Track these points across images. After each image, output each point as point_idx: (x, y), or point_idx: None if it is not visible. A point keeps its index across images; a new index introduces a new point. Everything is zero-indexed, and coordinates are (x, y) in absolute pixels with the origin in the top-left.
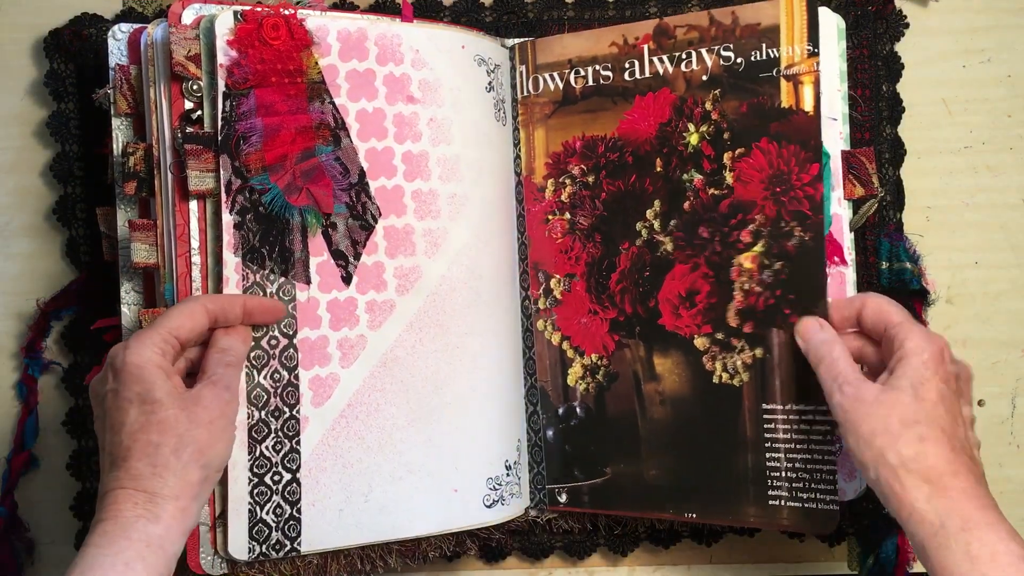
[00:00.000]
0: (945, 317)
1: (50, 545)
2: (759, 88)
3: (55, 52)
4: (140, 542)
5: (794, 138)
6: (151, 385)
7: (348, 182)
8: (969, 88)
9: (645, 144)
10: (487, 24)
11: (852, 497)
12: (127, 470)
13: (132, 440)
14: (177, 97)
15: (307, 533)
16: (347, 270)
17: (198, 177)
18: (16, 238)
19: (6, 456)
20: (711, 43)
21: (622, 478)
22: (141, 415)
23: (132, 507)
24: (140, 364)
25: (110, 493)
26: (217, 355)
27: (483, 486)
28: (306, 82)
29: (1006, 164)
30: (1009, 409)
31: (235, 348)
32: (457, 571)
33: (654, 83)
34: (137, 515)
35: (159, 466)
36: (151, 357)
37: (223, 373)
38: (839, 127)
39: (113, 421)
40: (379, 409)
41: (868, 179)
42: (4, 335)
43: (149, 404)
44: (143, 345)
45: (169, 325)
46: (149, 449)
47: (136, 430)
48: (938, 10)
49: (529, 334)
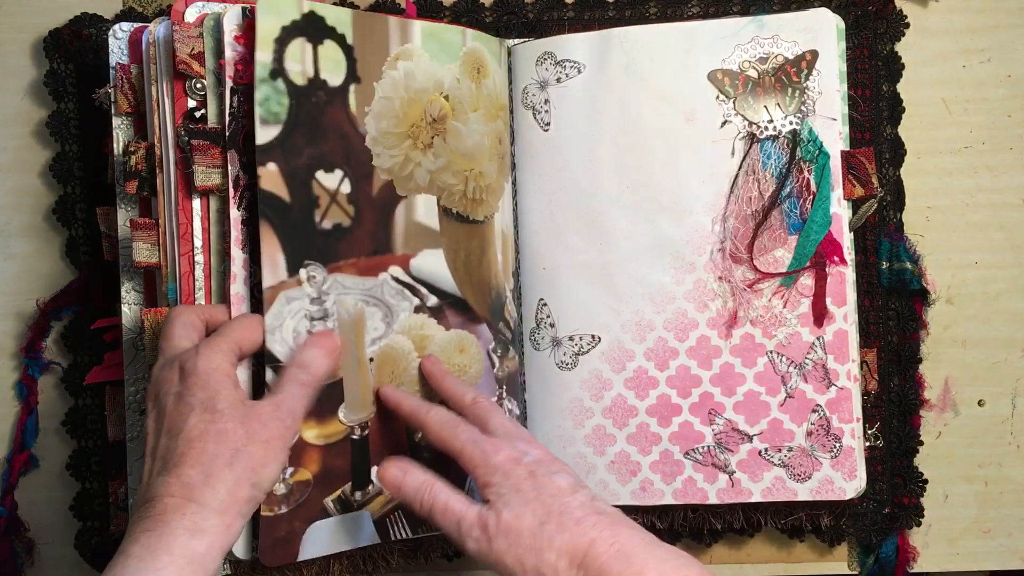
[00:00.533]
0: (945, 317)
1: (50, 545)
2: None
3: (55, 52)
4: (182, 559)
5: None
6: (216, 393)
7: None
8: (969, 88)
9: None
10: (487, 24)
11: (852, 497)
12: (179, 476)
13: (188, 447)
14: (180, 95)
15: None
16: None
17: (204, 173)
18: (16, 238)
19: (6, 456)
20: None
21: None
22: (201, 422)
23: (179, 518)
24: (209, 371)
25: (158, 499)
26: (293, 370)
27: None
28: None
29: (1006, 164)
30: (1009, 409)
31: (315, 365)
32: (457, 571)
33: None
34: (183, 527)
35: (212, 476)
36: (221, 365)
37: (293, 393)
38: (839, 127)
39: (172, 424)
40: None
41: (868, 179)
42: (4, 335)
43: (211, 413)
44: (215, 352)
45: (235, 336)
46: (204, 458)
47: (194, 437)
48: (938, 10)
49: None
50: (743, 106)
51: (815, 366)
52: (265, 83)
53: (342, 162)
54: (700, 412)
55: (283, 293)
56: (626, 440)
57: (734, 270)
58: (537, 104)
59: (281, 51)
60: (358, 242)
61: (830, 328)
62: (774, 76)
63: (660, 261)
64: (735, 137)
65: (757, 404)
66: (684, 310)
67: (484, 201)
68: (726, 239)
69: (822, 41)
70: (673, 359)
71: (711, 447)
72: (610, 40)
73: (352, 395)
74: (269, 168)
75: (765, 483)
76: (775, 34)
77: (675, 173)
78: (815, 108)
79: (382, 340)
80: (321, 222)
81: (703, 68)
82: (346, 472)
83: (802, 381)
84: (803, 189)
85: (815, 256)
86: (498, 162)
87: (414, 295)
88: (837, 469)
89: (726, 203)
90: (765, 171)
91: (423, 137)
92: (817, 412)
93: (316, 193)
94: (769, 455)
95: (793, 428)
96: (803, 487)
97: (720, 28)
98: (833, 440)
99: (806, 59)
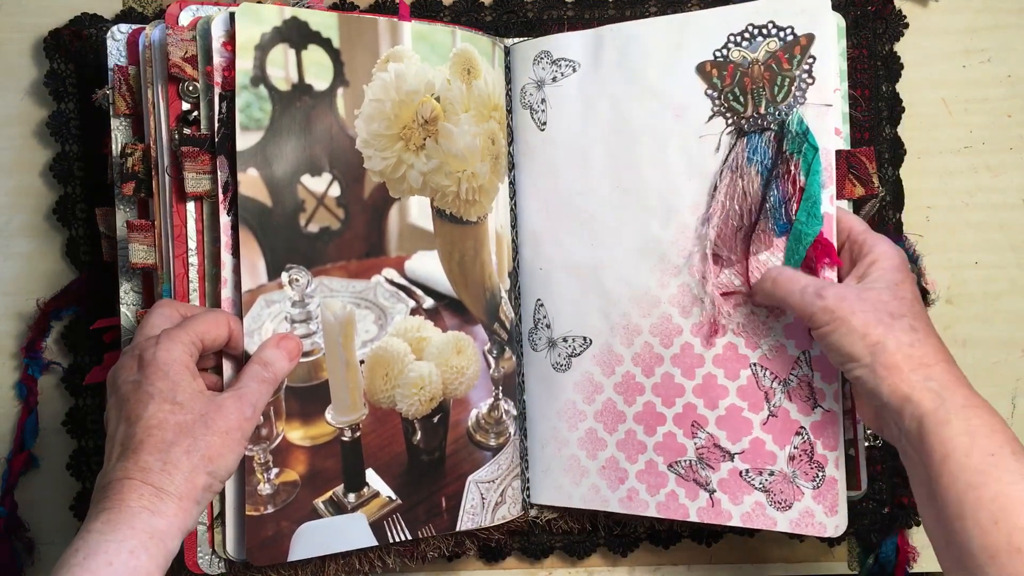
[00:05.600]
0: (945, 317)
1: (50, 545)
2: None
3: (55, 52)
4: (144, 532)
5: None
6: (176, 385)
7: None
8: (969, 88)
9: None
10: (487, 24)
11: (832, 535)
12: (136, 461)
13: (146, 434)
14: (174, 98)
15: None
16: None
17: (194, 179)
18: (16, 238)
19: (6, 456)
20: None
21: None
22: (160, 411)
23: (137, 498)
24: (169, 362)
25: (116, 482)
26: (256, 367)
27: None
28: None
29: (1006, 164)
30: (1009, 409)
31: (276, 364)
32: (457, 571)
33: None
34: (142, 507)
35: (169, 463)
36: (180, 356)
37: (254, 388)
38: (836, 119)
39: (129, 412)
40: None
41: (868, 179)
42: (4, 335)
43: (170, 404)
44: (174, 344)
45: (198, 329)
46: (162, 445)
47: (152, 425)
48: (938, 10)
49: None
50: (729, 98)
51: (800, 383)
52: (246, 90)
53: (330, 165)
54: (683, 424)
55: (262, 296)
56: (615, 446)
57: (717, 274)
58: (534, 104)
59: (262, 58)
60: (348, 245)
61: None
62: (764, 64)
63: (646, 263)
64: (722, 132)
65: (739, 420)
66: (669, 315)
67: (477, 202)
68: (708, 241)
69: (820, 24)
70: (658, 366)
71: (693, 462)
72: (603, 37)
73: (340, 397)
74: (249, 174)
75: (745, 507)
76: (770, 19)
77: (663, 172)
78: (807, 96)
79: (374, 342)
80: (307, 226)
81: (694, 61)
82: (337, 474)
83: (786, 399)
84: (790, 186)
85: (805, 260)
86: (491, 163)
87: (410, 297)
88: (819, 502)
89: (708, 202)
90: (751, 167)
91: (415, 139)
92: (801, 435)
93: (302, 197)
94: (750, 477)
95: (775, 450)
96: (783, 517)
97: (711, 17)
98: (816, 468)
99: (800, 44)
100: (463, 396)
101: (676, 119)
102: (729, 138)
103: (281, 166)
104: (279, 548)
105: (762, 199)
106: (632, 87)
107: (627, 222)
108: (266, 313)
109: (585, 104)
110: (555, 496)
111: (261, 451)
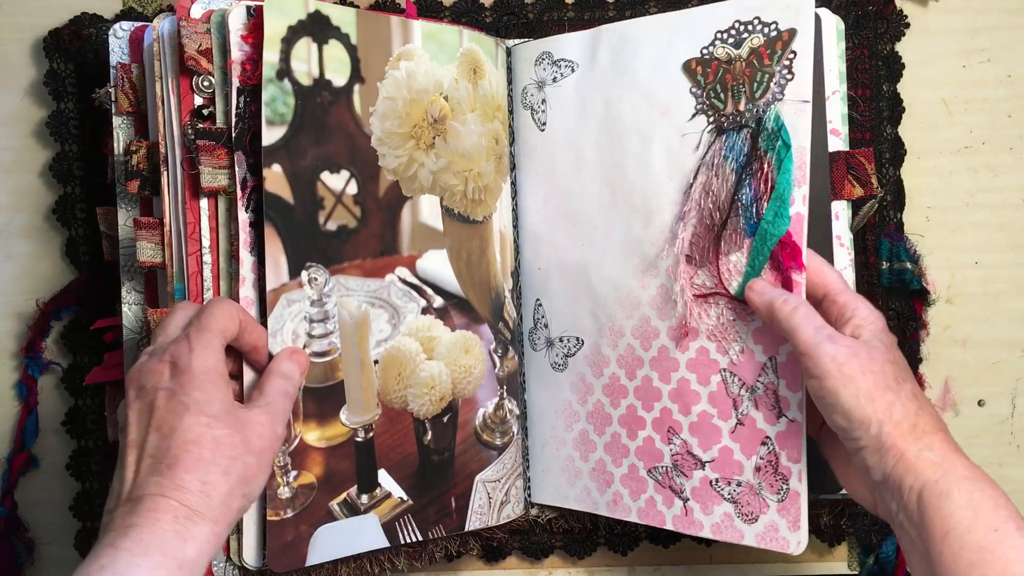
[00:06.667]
0: (945, 317)
1: (50, 545)
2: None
3: (55, 52)
4: (174, 561)
5: None
6: (211, 396)
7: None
8: (969, 88)
9: None
10: (487, 24)
11: (794, 552)
12: (172, 479)
13: (183, 449)
14: (187, 93)
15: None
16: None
17: (211, 174)
18: (16, 238)
19: (6, 456)
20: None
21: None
22: (197, 425)
23: (172, 520)
24: (204, 370)
25: (149, 498)
26: (279, 381)
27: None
28: None
29: (1006, 164)
30: (1009, 409)
31: (295, 377)
32: (458, 571)
33: None
34: (175, 531)
35: (208, 484)
36: (215, 365)
37: (281, 404)
38: (808, 123)
39: (162, 422)
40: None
41: (868, 179)
42: (4, 335)
43: (207, 416)
44: (209, 351)
45: (220, 327)
46: (201, 464)
47: (189, 440)
48: (938, 10)
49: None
50: (711, 95)
51: (766, 391)
52: (272, 83)
53: (348, 163)
54: (660, 429)
55: (284, 296)
56: (604, 449)
57: (692, 276)
58: (535, 104)
59: (288, 51)
60: (364, 243)
61: (784, 348)
62: (746, 61)
63: (630, 264)
64: (703, 130)
65: (710, 428)
66: (648, 317)
67: (483, 201)
68: (680, 240)
69: (802, 19)
70: (639, 368)
71: (668, 468)
72: (600, 37)
73: (354, 397)
74: (274, 170)
75: (715, 517)
76: (756, 15)
77: (646, 170)
78: (785, 92)
79: (388, 342)
80: (325, 223)
81: (682, 59)
82: (351, 475)
83: (753, 407)
84: (762, 185)
85: (772, 262)
86: (495, 162)
87: (421, 296)
88: (783, 515)
89: (684, 200)
90: (726, 165)
91: (425, 137)
92: (767, 445)
93: (321, 194)
94: (720, 487)
95: (742, 460)
96: (750, 529)
97: (701, 14)
98: (781, 480)
99: (782, 39)
100: (471, 395)
101: (661, 117)
102: (709, 136)
103: (303, 162)
104: (298, 553)
105: (734, 197)
106: (624, 86)
107: (615, 222)
108: (287, 313)
109: (581, 104)
110: (553, 496)
111: (280, 454)
